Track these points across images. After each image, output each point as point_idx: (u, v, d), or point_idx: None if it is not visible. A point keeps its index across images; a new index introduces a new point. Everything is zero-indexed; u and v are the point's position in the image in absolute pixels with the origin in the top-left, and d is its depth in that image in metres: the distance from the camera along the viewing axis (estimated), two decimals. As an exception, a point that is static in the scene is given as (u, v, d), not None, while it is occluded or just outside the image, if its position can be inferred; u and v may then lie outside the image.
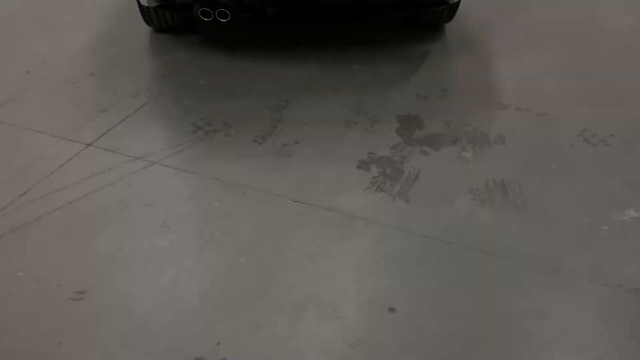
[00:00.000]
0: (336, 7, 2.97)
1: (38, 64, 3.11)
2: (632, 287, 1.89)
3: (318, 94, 2.93)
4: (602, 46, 3.43)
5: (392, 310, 1.81)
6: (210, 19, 2.82)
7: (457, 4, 3.21)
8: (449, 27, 3.58)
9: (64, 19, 3.66)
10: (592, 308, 1.83)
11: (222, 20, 2.81)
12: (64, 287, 1.86)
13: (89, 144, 2.49)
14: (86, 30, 3.50)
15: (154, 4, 2.86)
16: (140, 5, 3.13)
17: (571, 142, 2.55)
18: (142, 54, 3.27)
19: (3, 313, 1.80)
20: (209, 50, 3.30)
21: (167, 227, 2.08)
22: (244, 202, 2.21)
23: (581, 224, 2.14)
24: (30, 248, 2.00)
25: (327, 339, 1.72)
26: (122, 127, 2.61)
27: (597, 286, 1.90)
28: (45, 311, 1.79)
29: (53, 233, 2.06)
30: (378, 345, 1.71)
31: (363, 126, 2.67)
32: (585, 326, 1.79)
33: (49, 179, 2.29)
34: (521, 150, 2.51)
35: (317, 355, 1.68)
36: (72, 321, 1.77)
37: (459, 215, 2.17)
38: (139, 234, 2.06)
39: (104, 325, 1.74)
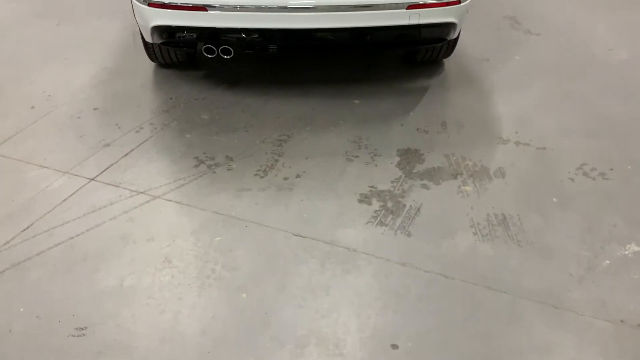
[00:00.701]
0: (337, 44, 3.02)
1: (43, 98, 3.16)
2: (635, 323, 1.88)
3: (319, 128, 2.96)
4: (598, 80, 3.48)
5: (394, 347, 1.80)
6: (213, 56, 2.87)
7: (455, 40, 3.28)
8: (448, 62, 3.65)
9: (70, 54, 3.73)
10: (596, 344, 1.82)
11: (225, 56, 2.87)
12: (65, 323, 1.85)
13: (92, 179, 2.51)
14: (91, 65, 3.56)
15: (158, 41, 2.92)
16: (144, 42, 3.19)
17: (571, 176, 2.57)
18: (146, 89, 3.31)
19: (4, 349, 1.79)
20: (212, 85, 3.35)
21: (169, 262, 2.08)
22: (246, 237, 2.22)
23: (583, 258, 2.14)
24: (31, 283, 2.00)
25: (330, 377, 1.71)
26: (125, 161, 2.63)
27: (600, 322, 1.89)
28: (46, 347, 1.78)
29: (54, 268, 2.06)
30: (381, 382, 1.69)
31: (364, 160, 2.70)
32: (589, 363, 1.77)
33: (51, 213, 2.30)
34: (521, 184, 2.53)
35: (320, 393, 1.66)
36: (72, 358, 1.75)
37: (460, 250, 2.17)
38: (140, 269, 2.06)
39: (104, 363, 1.73)
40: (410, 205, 2.39)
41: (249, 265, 2.09)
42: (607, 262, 2.12)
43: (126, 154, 2.68)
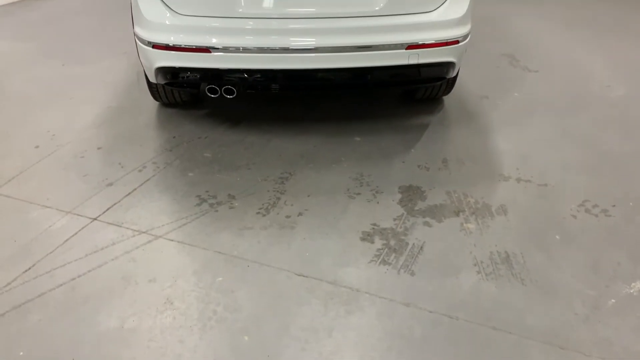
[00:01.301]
0: (338, 84, 3.06)
1: (47, 138, 3.19)
2: (644, 364, 1.85)
3: (321, 165, 2.98)
4: (597, 116, 3.52)
5: (399, 390, 1.77)
6: (216, 96, 2.91)
7: (455, 78, 3.32)
8: (447, 99, 3.70)
9: (75, 93, 3.79)
10: (604, 386, 1.79)
11: (228, 96, 2.90)
12: (64, 367, 1.83)
13: (95, 218, 2.51)
14: (96, 104, 3.61)
15: (162, 82, 2.96)
16: (148, 82, 3.24)
17: (573, 213, 2.57)
18: (149, 128, 3.35)
19: (1, 395, 1.76)
20: (215, 123, 3.39)
21: (171, 304, 2.07)
22: (248, 277, 2.21)
23: (588, 297, 2.12)
24: (32, 326, 1.98)
25: (333, 422, 1.67)
26: (127, 200, 2.64)
27: (608, 363, 1.86)
28: (45, 393, 1.75)
29: (55, 310, 2.04)
30: None
31: (366, 197, 2.70)
32: (598, 406, 1.74)
33: (53, 254, 2.30)
34: (524, 221, 2.53)
35: None
36: (71, 404, 1.72)
37: (464, 289, 2.15)
38: (142, 310, 2.04)
39: (104, 409, 1.70)
40: (413, 244, 2.38)
41: (250, 306, 2.07)
42: (613, 301, 2.10)
43: (129, 193, 2.69)
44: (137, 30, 2.88)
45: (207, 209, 2.60)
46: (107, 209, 2.58)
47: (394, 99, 3.75)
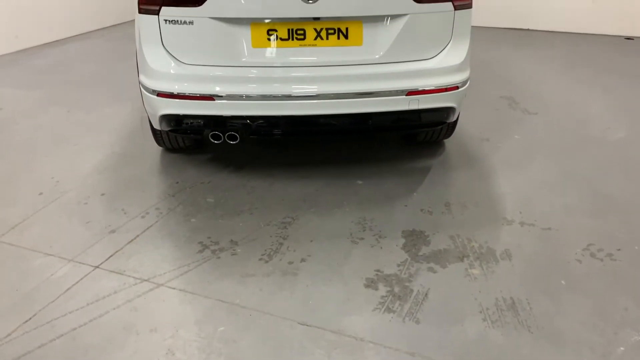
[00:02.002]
0: (340, 129, 3.10)
1: (51, 185, 3.21)
2: (657, 416, 1.80)
3: (324, 209, 2.98)
4: (598, 158, 3.53)
5: None
6: (220, 142, 2.94)
7: (455, 122, 3.36)
8: (448, 142, 3.73)
9: (79, 140, 3.83)
10: None
11: (231, 142, 2.93)
12: (63, 423, 1.78)
13: (97, 266, 2.50)
14: (100, 150, 3.65)
15: (166, 128, 3.00)
16: (152, 128, 3.29)
17: (578, 257, 2.55)
18: (153, 174, 3.37)
19: None
20: (218, 168, 3.41)
21: (172, 354, 2.03)
22: (250, 326, 2.18)
23: (596, 344, 2.08)
24: (30, 379, 1.95)
25: None
26: (130, 248, 2.63)
27: (620, 415, 1.81)
28: None
29: (55, 362, 2.01)
30: None
31: (369, 242, 2.69)
32: None
33: (54, 303, 2.28)
34: (528, 266, 2.51)
35: None
36: None
37: (470, 337, 2.11)
38: (143, 362, 2.01)
39: None
40: (418, 290, 2.35)
41: (253, 356, 2.03)
42: (622, 348, 2.06)
43: (131, 240, 2.69)
44: (142, 78, 2.94)
45: (209, 255, 2.59)
46: (110, 257, 2.57)
47: (396, 141, 3.79)
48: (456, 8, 2.84)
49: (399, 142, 3.79)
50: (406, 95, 2.87)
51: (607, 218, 2.87)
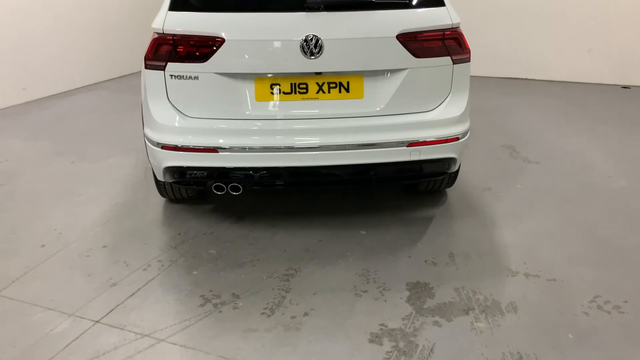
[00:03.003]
0: (342, 180, 3.11)
1: (53, 237, 3.21)
2: None
3: (326, 260, 2.96)
4: (600, 208, 3.53)
5: None
6: (223, 193, 2.96)
7: (457, 172, 3.38)
8: (450, 191, 3.74)
9: (83, 191, 3.86)
10: None
11: (234, 193, 2.95)
12: None
13: (97, 321, 2.47)
14: (103, 201, 3.66)
15: (170, 180, 3.02)
16: (156, 180, 3.31)
17: (584, 310, 2.51)
18: (155, 225, 3.37)
19: None
20: (220, 218, 3.41)
21: (172, 414, 1.98)
22: (253, 383, 2.13)
23: (608, 402, 2.02)
24: None
25: None
26: (131, 301, 2.61)
27: None
28: None
29: (52, 423, 1.96)
30: None
31: (373, 295, 2.66)
32: None
33: (53, 360, 2.24)
34: (535, 319, 2.47)
35: None
36: None
37: (478, 395, 2.06)
38: (142, 422, 1.95)
39: None
40: (423, 345, 2.31)
41: (255, 416, 1.98)
42: (635, 406, 2.00)
43: (132, 294, 2.66)
44: (147, 131, 2.98)
45: (210, 309, 2.56)
46: (110, 311, 2.54)
47: (398, 191, 3.80)
48: (455, 62, 2.91)
49: (401, 191, 3.80)
50: (407, 146, 2.90)
51: (612, 268, 2.84)
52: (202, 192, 3.58)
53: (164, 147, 2.88)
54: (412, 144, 2.90)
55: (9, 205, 3.68)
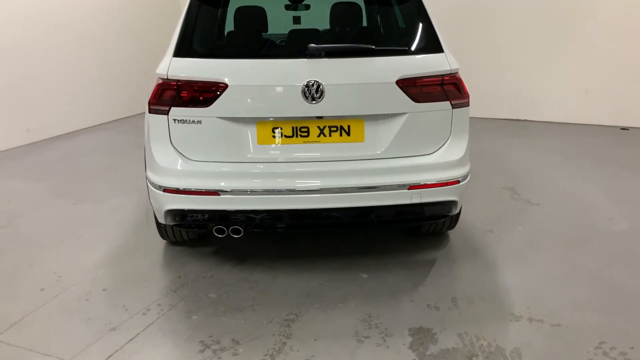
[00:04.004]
0: (343, 222, 3.11)
1: (53, 280, 3.19)
2: None
3: (328, 305, 2.93)
4: (603, 251, 3.51)
5: None
6: (223, 236, 2.96)
7: (458, 214, 3.38)
8: (452, 233, 3.73)
9: (84, 233, 3.85)
10: None
11: (235, 236, 2.95)
12: None
13: (95, 367, 2.43)
14: (103, 244, 3.66)
15: (171, 223, 3.02)
16: (157, 222, 3.31)
17: (590, 356, 2.47)
18: (155, 268, 3.36)
19: None
20: (221, 261, 3.39)
21: None
22: None
23: None
24: None
25: None
26: (129, 347, 2.57)
27: None
28: None
29: None
30: None
31: (375, 341, 2.62)
32: None
33: (48, 409, 2.19)
34: (540, 366, 2.42)
35: None
36: None
37: None
38: None
39: None
40: (426, 393, 2.27)
41: None
42: None
43: (131, 339, 2.63)
44: (149, 174, 3.00)
45: (210, 355, 2.51)
46: (109, 357, 2.50)
47: (399, 233, 3.79)
48: (454, 106, 2.95)
49: (402, 233, 3.79)
50: (408, 189, 2.92)
51: (616, 313, 2.81)
52: (202, 235, 3.58)
53: (166, 190, 2.89)
54: (413, 186, 2.91)
55: (10, 247, 3.67)
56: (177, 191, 2.87)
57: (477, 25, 7.57)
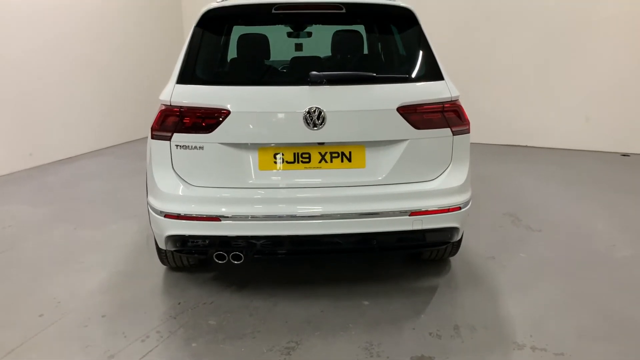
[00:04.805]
0: (344, 248, 3.10)
1: (52, 305, 3.17)
2: None
3: (329, 332, 2.89)
4: (605, 278, 3.49)
5: None
6: (224, 261, 2.95)
7: (459, 241, 3.37)
8: (454, 260, 3.72)
9: (84, 258, 3.84)
10: None
11: (235, 262, 2.94)
12: None
13: (92, 396, 2.40)
14: (104, 269, 3.64)
15: (171, 248, 3.01)
16: (157, 248, 3.30)
17: (595, 387, 2.43)
18: (155, 294, 3.33)
19: None
20: (221, 287, 3.37)
21: None
22: None
23: None
24: None
25: None
26: (128, 375, 2.54)
27: None
28: None
29: None
30: None
31: (376, 369, 2.59)
32: None
33: None
34: (544, 396, 2.39)
35: None
36: None
37: None
38: None
39: None
40: None
41: None
42: None
43: (130, 367, 2.60)
44: (151, 199, 3.00)
45: (210, 384, 2.48)
46: (106, 385, 2.47)
47: (401, 259, 3.77)
48: (454, 133, 2.96)
49: (404, 259, 3.77)
50: (409, 215, 2.91)
51: (620, 342, 2.77)
52: (203, 260, 3.56)
53: (167, 215, 2.89)
54: (414, 213, 2.90)
55: (10, 272, 3.65)
56: (178, 217, 2.87)
57: (479, 51, 7.66)
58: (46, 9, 6.64)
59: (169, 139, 2.86)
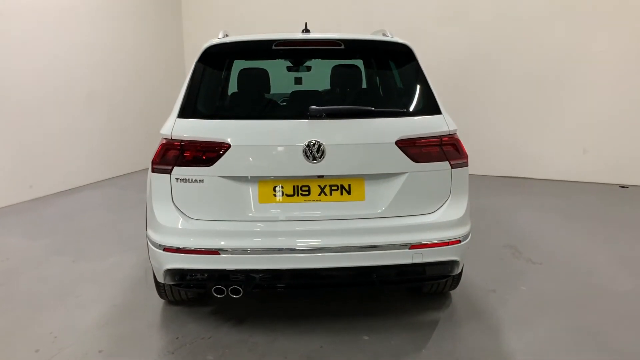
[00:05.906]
0: (344, 282, 3.08)
1: (49, 341, 3.13)
2: None
3: (328, 369, 2.86)
4: (608, 311, 3.45)
5: None
6: (223, 296, 2.92)
7: (460, 274, 3.35)
8: (455, 293, 3.68)
9: (82, 291, 3.80)
10: None
11: (234, 296, 2.91)
12: None
13: None
14: (101, 303, 3.60)
15: (170, 282, 2.99)
16: (156, 281, 3.28)
17: None
18: (153, 328, 3.29)
19: None
20: (220, 322, 3.33)
21: None
22: None
23: None
24: None
25: None
26: (123, 413, 2.49)
27: None
28: None
29: None
30: None
31: (377, 407, 2.54)
32: None
33: None
34: None
35: None
36: None
37: None
38: None
39: None
40: None
41: None
42: None
43: (126, 404, 2.55)
44: (150, 233, 2.99)
45: (207, 422, 2.43)
46: None
47: (401, 292, 3.74)
48: (453, 166, 2.98)
49: (404, 292, 3.74)
50: (409, 248, 2.90)
51: (626, 378, 2.73)
52: (201, 294, 3.53)
53: (166, 249, 2.88)
54: (414, 246, 2.90)
55: (6, 306, 3.62)
56: (177, 250, 2.86)
57: (476, 83, 7.76)
58: (46, 42, 6.76)
59: (169, 172, 2.88)
